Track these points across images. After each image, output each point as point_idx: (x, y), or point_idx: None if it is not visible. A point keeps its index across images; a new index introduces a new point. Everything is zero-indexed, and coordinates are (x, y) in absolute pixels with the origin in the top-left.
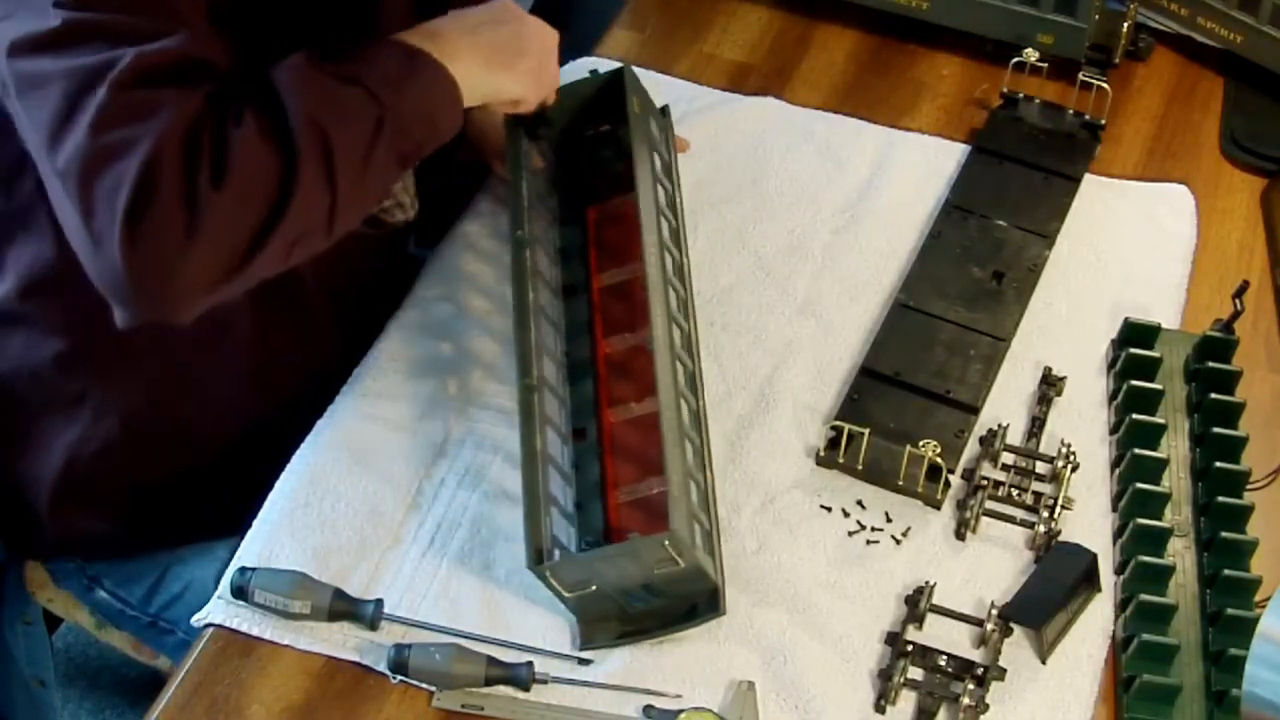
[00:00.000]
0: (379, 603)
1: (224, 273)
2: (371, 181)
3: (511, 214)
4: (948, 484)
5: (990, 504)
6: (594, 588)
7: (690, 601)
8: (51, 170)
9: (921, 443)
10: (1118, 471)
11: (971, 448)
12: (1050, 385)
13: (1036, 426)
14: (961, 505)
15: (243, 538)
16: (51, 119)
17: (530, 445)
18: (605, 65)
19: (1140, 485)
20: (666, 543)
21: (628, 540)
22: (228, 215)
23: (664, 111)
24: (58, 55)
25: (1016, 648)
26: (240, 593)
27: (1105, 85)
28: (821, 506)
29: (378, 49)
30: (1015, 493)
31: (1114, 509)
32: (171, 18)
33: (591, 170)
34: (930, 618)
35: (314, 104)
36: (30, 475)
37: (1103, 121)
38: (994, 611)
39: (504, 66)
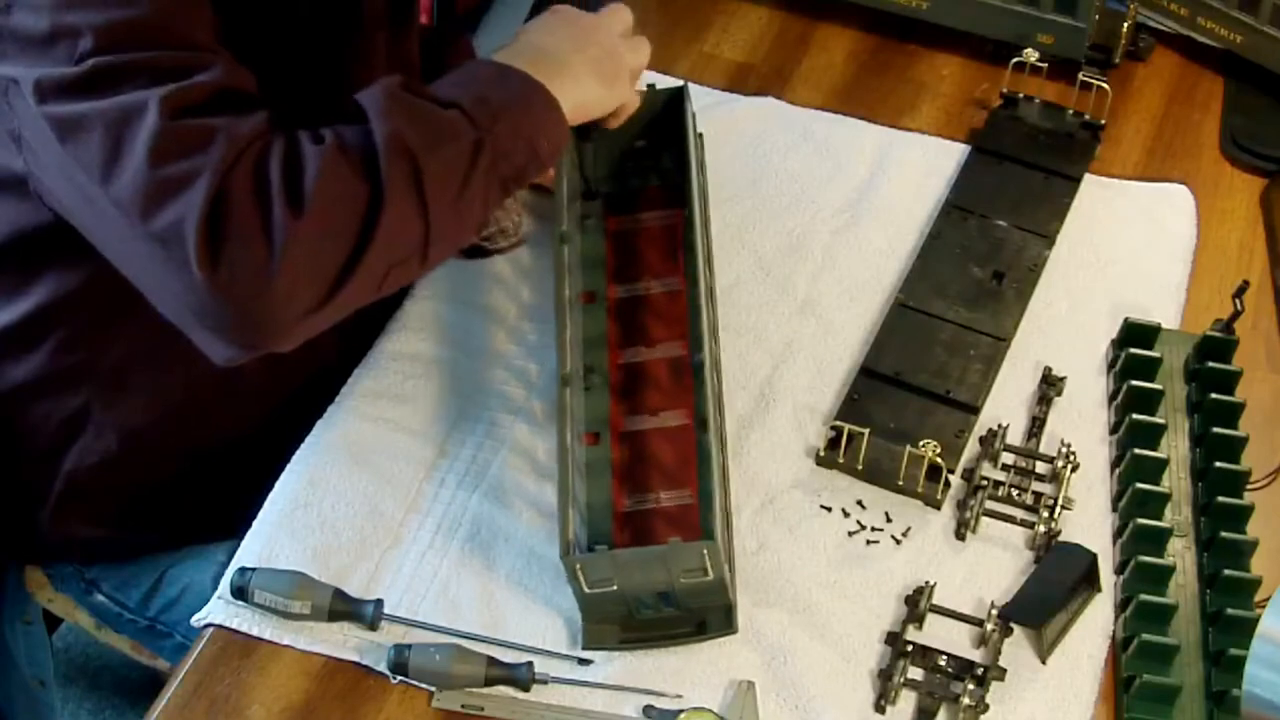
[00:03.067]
0: (379, 603)
1: (315, 302)
2: (469, 209)
3: (555, 210)
4: (948, 484)
5: (990, 504)
6: (614, 587)
7: (699, 616)
8: (110, 204)
9: (921, 443)
10: (1118, 471)
11: (971, 448)
12: (1050, 385)
13: (1036, 426)
14: (961, 505)
15: (241, 540)
16: (101, 156)
17: (563, 436)
18: None
19: (1140, 485)
20: (705, 551)
21: (667, 545)
22: (310, 244)
23: (700, 136)
24: (95, 97)
25: (1016, 648)
26: (240, 593)
27: (1105, 85)
28: (821, 506)
29: (476, 70)
30: (1015, 493)
31: (1114, 509)
32: (201, 51)
33: (620, 181)
34: (930, 618)
35: (402, 125)
36: (31, 486)
37: (1103, 121)
38: (994, 611)
39: (611, 79)
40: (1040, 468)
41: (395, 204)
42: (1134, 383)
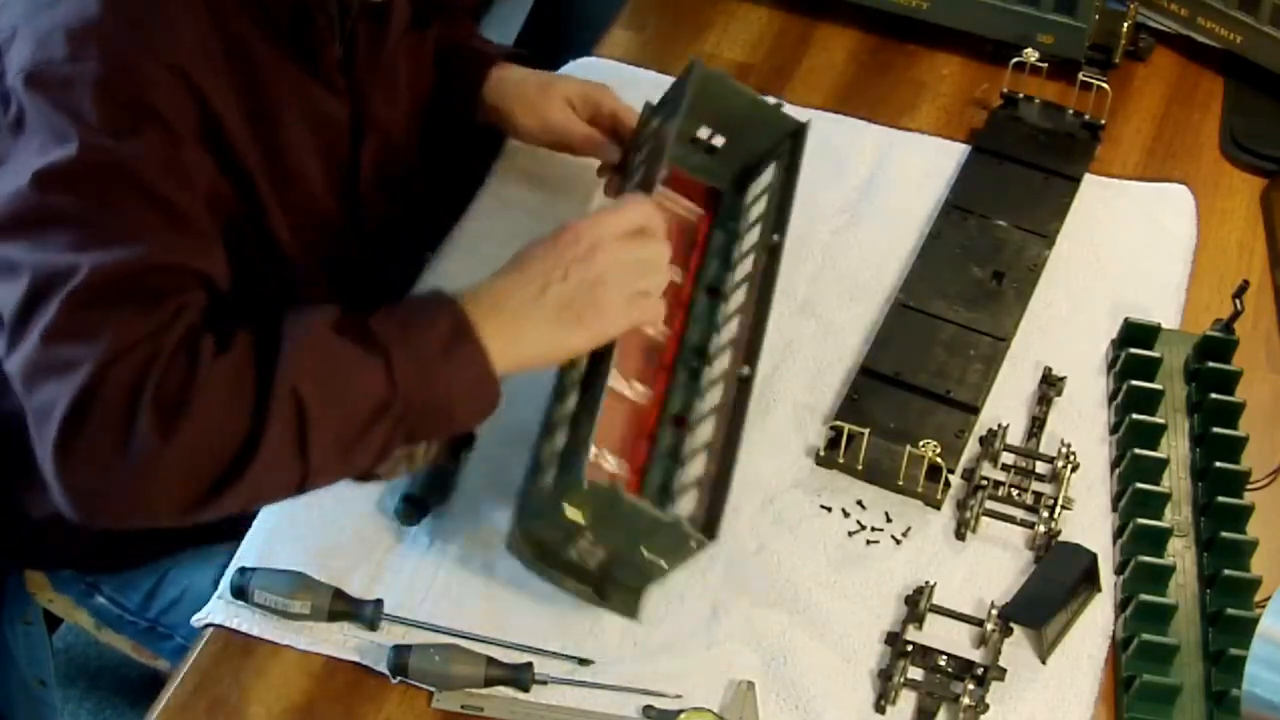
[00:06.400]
0: (379, 603)
1: (166, 516)
2: (356, 458)
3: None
4: (948, 484)
5: (990, 504)
6: (583, 522)
7: (610, 586)
8: (6, 362)
9: (921, 443)
10: (1118, 471)
11: (971, 448)
12: (1050, 385)
13: (1036, 426)
14: (961, 505)
15: (240, 541)
16: (13, 312)
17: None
18: (605, 65)
19: (1140, 485)
20: (694, 544)
21: (673, 519)
22: (170, 466)
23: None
24: (29, 243)
25: (1016, 648)
26: (240, 593)
27: (1105, 85)
28: (821, 506)
29: (431, 313)
30: (1015, 493)
31: (1114, 509)
32: (136, 224)
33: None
34: (930, 618)
35: (305, 376)
36: (31, 496)
37: (1103, 121)
38: (994, 611)
39: (586, 321)
40: (1040, 468)
41: (271, 450)
42: (1134, 383)
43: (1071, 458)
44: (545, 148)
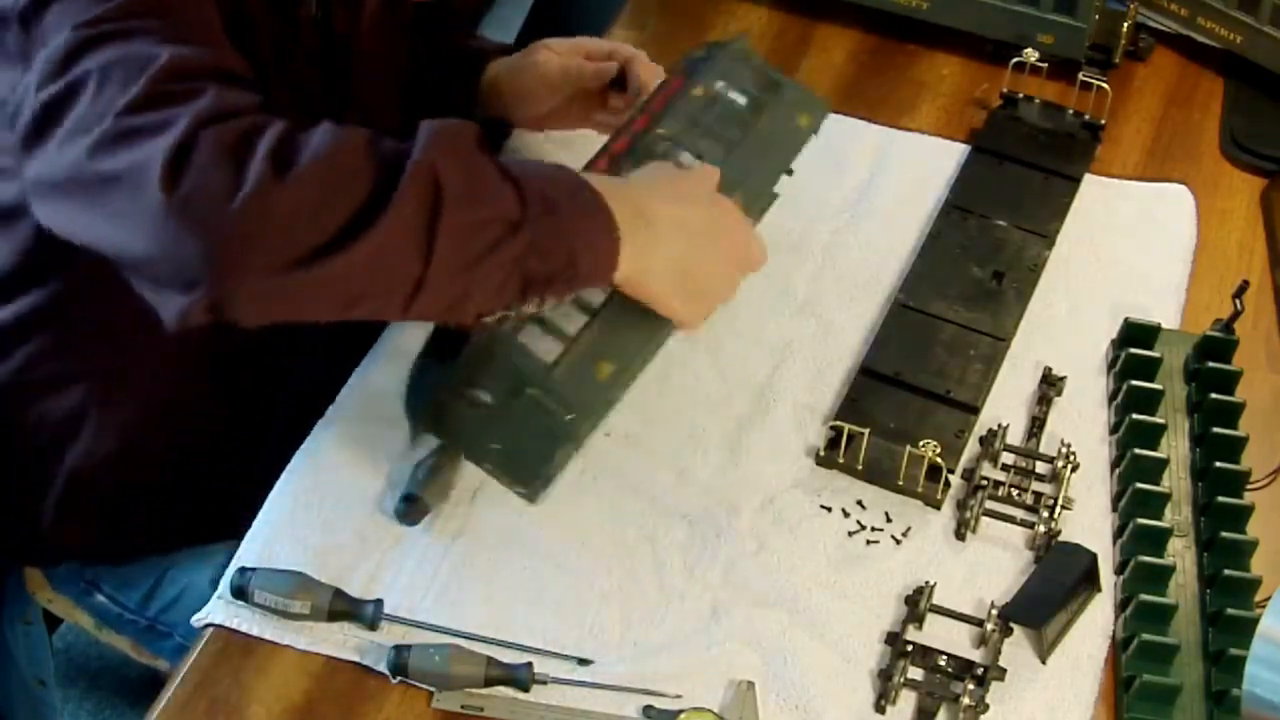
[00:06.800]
0: (379, 603)
1: (271, 267)
2: (476, 285)
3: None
4: (948, 484)
5: (990, 504)
6: (515, 368)
7: (499, 457)
8: (77, 158)
9: (921, 443)
10: (1118, 471)
11: (971, 448)
12: (1050, 385)
13: (1036, 426)
14: (961, 505)
15: (240, 541)
16: (73, 103)
17: None
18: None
19: (1140, 485)
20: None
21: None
22: (281, 206)
23: None
24: (100, 49)
25: (1016, 648)
26: (240, 593)
27: (1105, 85)
28: (821, 506)
29: (554, 170)
30: (1015, 493)
31: (1114, 509)
32: (203, 32)
33: None
34: (930, 618)
35: (443, 163)
36: (32, 486)
37: (1103, 121)
38: (994, 611)
39: (691, 295)
40: (1040, 468)
41: (393, 227)
42: (1134, 383)
43: (1071, 458)
44: (554, 126)
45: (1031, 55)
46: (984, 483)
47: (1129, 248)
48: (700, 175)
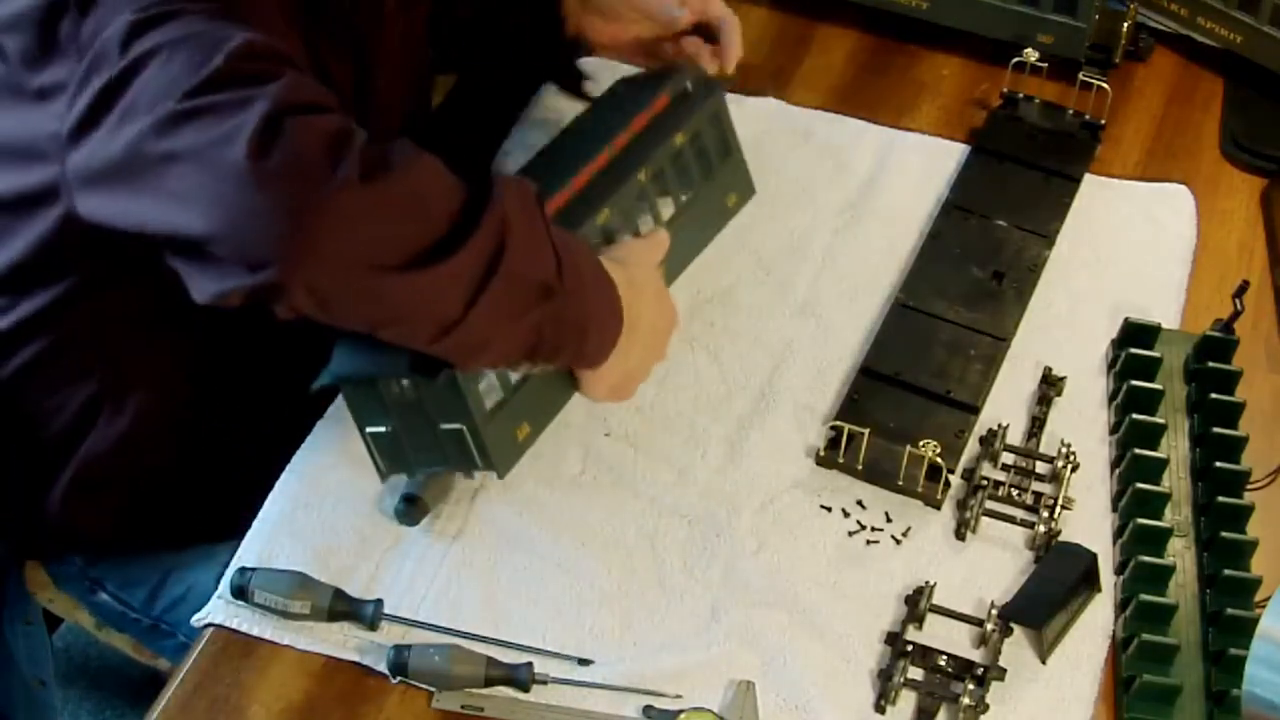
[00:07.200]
0: (379, 603)
1: (337, 265)
2: (503, 338)
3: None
4: (948, 484)
5: (990, 504)
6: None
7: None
8: (135, 138)
9: (921, 443)
10: (1118, 471)
11: (971, 448)
12: (1050, 385)
13: (1036, 426)
14: (961, 505)
15: (243, 540)
16: (140, 90)
17: None
18: (605, 65)
19: (1140, 485)
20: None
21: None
22: (360, 207)
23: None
24: (163, 27)
25: (1016, 648)
26: (240, 593)
27: (1105, 85)
28: (821, 506)
29: (583, 248)
30: (1015, 493)
31: (1114, 509)
32: (264, 20)
33: None
34: (930, 618)
35: (518, 209)
36: (41, 476)
37: (1103, 121)
38: (994, 611)
39: (657, 354)
40: (1040, 468)
41: (459, 265)
42: (1134, 383)
43: (1071, 458)
44: (625, 54)
45: (1031, 55)
46: (984, 483)
47: (1129, 248)
48: (655, 244)
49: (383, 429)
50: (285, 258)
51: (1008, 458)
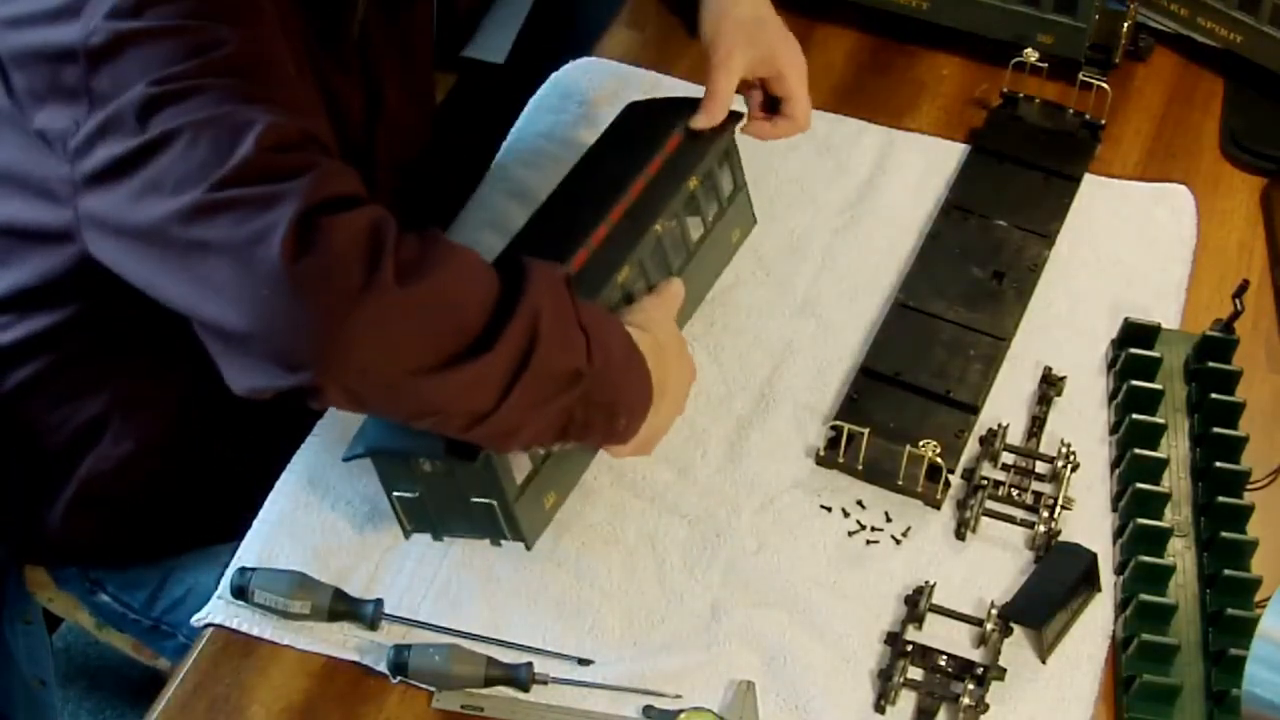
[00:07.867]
0: (379, 603)
1: (371, 368)
2: (532, 425)
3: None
4: (948, 484)
5: (990, 504)
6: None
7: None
8: (162, 218)
9: (921, 443)
10: (1118, 471)
11: (971, 448)
12: (1050, 385)
13: (1036, 426)
14: (961, 505)
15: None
16: (166, 169)
17: None
18: (605, 65)
19: (1140, 485)
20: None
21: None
22: (398, 311)
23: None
24: (182, 104)
25: (1016, 648)
26: (240, 593)
27: (1105, 85)
28: (821, 506)
29: (614, 323)
30: (1015, 493)
31: (1114, 509)
32: (287, 93)
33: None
34: (930, 618)
35: (548, 302)
36: (43, 488)
37: (1103, 121)
38: (994, 611)
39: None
40: (1040, 468)
41: (492, 363)
42: (1134, 383)
43: (1071, 458)
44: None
45: (1031, 55)
46: (984, 483)
47: (1129, 248)
48: (671, 298)
49: (411, 495)
50: (322, 362)
51: (1008, 458)
